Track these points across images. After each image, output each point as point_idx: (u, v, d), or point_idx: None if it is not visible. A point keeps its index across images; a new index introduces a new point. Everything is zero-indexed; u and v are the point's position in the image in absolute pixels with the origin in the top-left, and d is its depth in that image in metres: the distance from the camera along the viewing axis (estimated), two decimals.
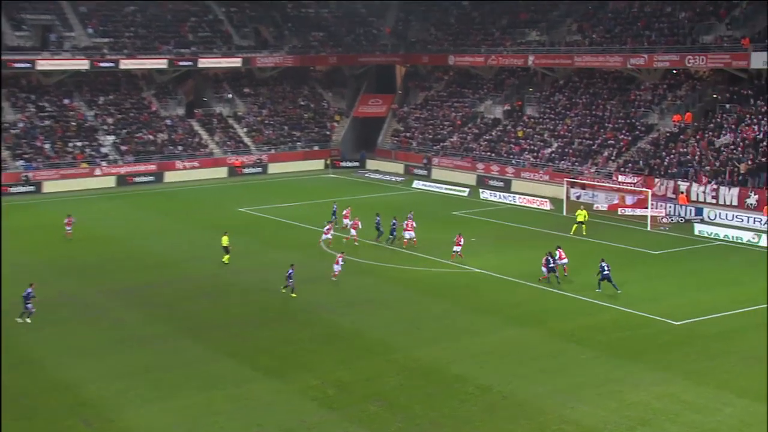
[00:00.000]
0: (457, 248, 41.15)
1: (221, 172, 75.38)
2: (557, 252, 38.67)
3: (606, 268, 35.95)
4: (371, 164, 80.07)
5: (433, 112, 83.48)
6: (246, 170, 76.45)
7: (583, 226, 49.35)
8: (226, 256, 41.39)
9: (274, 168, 77.93)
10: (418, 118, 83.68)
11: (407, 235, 44.48)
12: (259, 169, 77.27)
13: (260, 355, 28.95)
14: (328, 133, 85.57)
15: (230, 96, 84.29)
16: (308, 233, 49.40)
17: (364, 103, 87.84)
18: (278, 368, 27.74)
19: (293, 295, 34.69)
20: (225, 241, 41.69)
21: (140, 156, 73.48)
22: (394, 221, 46.02)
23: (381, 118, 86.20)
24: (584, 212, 50.25)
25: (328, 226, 44.87)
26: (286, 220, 53.66)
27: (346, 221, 47.97)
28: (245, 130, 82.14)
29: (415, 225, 44.91)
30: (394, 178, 73.00)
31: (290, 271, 35.39)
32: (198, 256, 43.46)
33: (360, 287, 37.36)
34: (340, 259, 37.82)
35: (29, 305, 31.75)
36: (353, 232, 45.46)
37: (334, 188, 69.04)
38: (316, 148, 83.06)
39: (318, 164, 79.66)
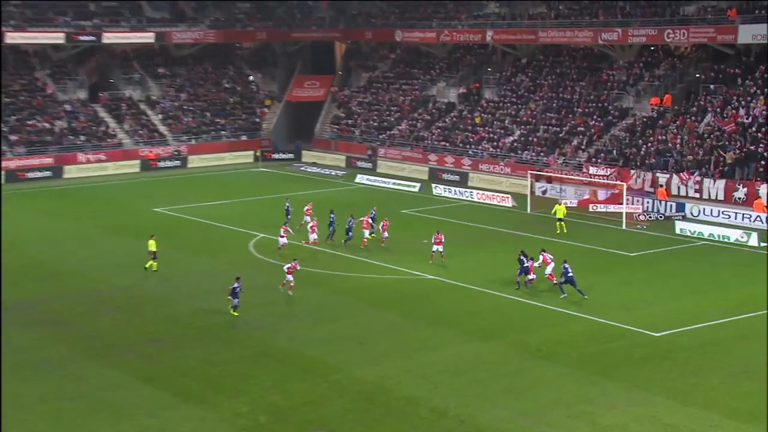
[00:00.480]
0: (438, 248, 41.36)
1: (132, 166, 74.43)
2: (540, 256, 38.59)
3: (569, 270, 36.41)
4: (308, 156, 79.89)
5: (378, 95, 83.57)
6: (162, 164, 75.65)
7: (563, 223, 50.02)
8: (153, 263, 41.02)
9: (194, 161, 77.31)
10: (361, 103, 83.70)
11: (366, 233, 45.36)
12: (177, 163, 76.54)
13: (180, 379, 28.55)
14: (257, 120, 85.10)
15: (141, 77, 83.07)
16: (236, 237, 48.96)
17: (298, 86, 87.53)
18: (201, 393, 27.39)
19: (235, 313, 34.02)
20: (152, 245, 41.30)
21: (34, 147, 71.89)
22: (350, 220, 45.98)
23: (318, 103, 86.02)
24: (563, 207, 50.95)
25: (283, 228, 44.20)
26: (210, 222, 53.13)
27: (307, 218, 47.61)
28: (160, 117, 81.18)
29: (384, 224, 45.63)
30: (334, 172, 72.89)
31: (236, 285, 34.28)
32: (106, 264, 42.73)
33: (297, 298, 37.14)
34: (297, 266, 37.46)
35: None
36: (313, 236, 45.10)
37: (266, 184, 68.63)
38: (243, 138, 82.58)
39: (246, 156, 79.23)
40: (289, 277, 37.34)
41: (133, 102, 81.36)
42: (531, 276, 37.68)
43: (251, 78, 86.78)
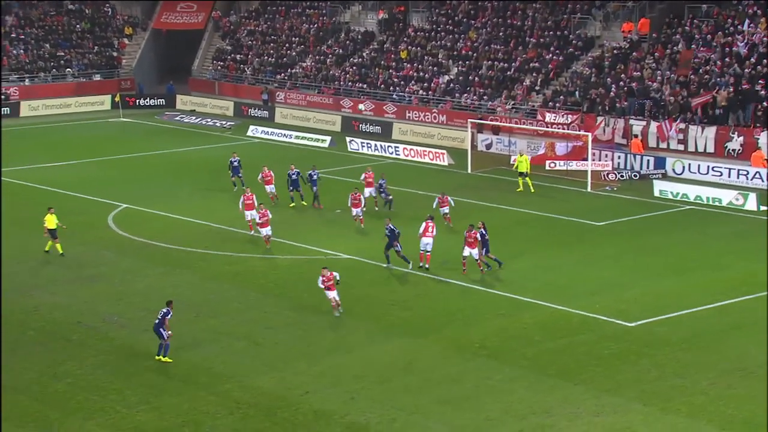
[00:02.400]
0: (356, 211, 42.02)
1: None
2: (423, 224, 38.82)
3: (484, 234, 37.57)
4: (184, 102, 78.94)
5: (275, 23, 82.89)
6: None
7: (528, 179, 50.64)
8: (56, 244, 40.11)
9: (29, 108, 75.86)
10: (253, 33, 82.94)
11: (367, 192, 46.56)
12: (6, 110, 74.92)
13: (13, 397, 28.01)
14: (115, 54, 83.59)
15: None
16: (90, 208, 48.20)
17: (169, 10, 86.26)
18: (43, 415, 26.97)
19: (166, 359, 31.08)
20: (51, 221, 40.15)
21: None
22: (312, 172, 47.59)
23: (196, 32, 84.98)
24: (526, 159, 51.66)
25: (245, 196, 42.94)
26: (53, 189, 52.21)
27: (269, 188, 47.47)
28: None
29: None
30: (219, 123, 72.20)
31: (164, 312, 30.47)
32: None
33: (171, 287, 36.75)
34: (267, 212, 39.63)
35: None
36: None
37: (128, 139, 67.67)
38: (97, 77, 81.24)
39: (101, 102, 77.97)
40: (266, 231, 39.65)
41: None
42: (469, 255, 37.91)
43: None
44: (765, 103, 53.61)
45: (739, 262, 39.58)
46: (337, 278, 33.66)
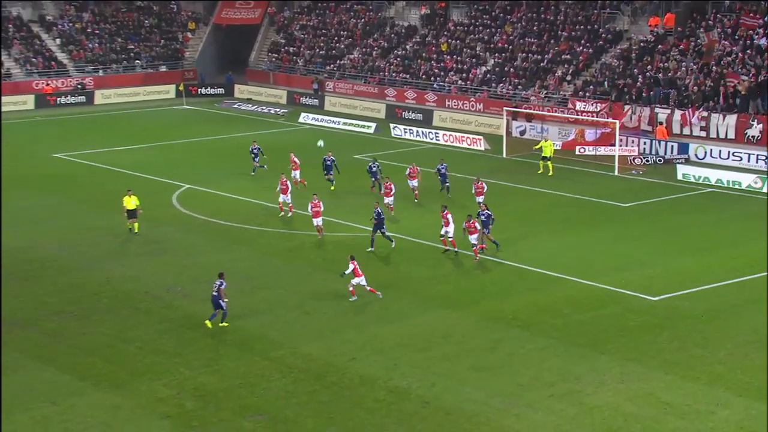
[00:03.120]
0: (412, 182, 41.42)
1: (25, 101, 73.31)
2: (442, 217, 38.18)
3: (485, 216, 37.29)
4: (241, 91, 79.21)
5: (325, 18, 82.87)
6: (62, 99, 74.62)
7: (549, 163, 50.47)
8: (135, 223, 40.24)
9: (102, 97, 76.39)
10: (305, 27, 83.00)
11: (412, 183, 45.33)
12: (82, 98, 75.60)
13: (88, 359, 28.40)
14: (179, 47, 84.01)
15: None
16: (156, 188, 48.56)
17: (228, 6, 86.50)
18: (115, 376, 27.30)
19: (224, 323, 30.66)
20: (130, 203, 40.29)
21: None
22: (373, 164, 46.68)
23: (253, 26, 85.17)
24: (550, 144, 51.57)
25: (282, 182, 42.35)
26: (123, 170, 52.65)
27: (296, 173, 47.01)
28: (58, 42, 79.83)
29: (418, 171, 45.75)
30: (273, 110, 72.41)
31: (219, 284, 30.61)
32: None
33: (229, 261, 36.98)
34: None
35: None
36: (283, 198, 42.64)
37: (190, 125, 68.09)
38: (163, 68, 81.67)
39: (166, 91, 78.42)
40: (317, 221, 38.64)
41: (22, 23, 79.74)
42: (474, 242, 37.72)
43: None
44: None
45: (756, 241, 39.18)
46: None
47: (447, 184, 46.21)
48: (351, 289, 32.91)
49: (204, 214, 43.34)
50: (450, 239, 37.42)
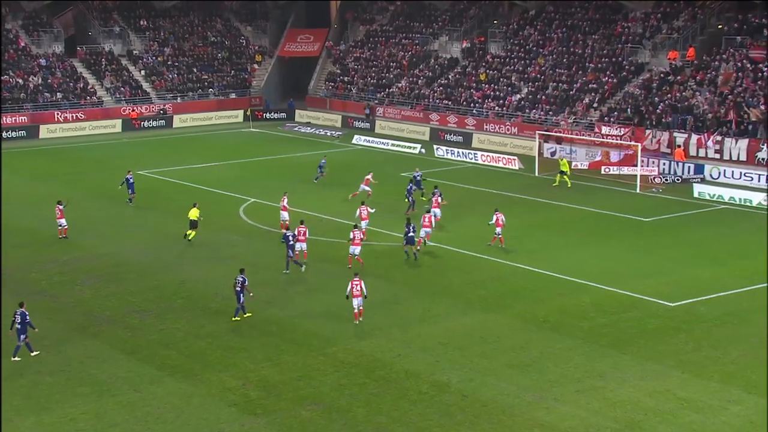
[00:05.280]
0: (498, 230, 39.15)
1: (114, 125, 74.23)
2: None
3: (411, 230, 36.83)
4: (301, 115, 79.62)
5: (376, 50, 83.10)
6: (145, 123, 75.44)
7: (566, 177, 50.35)
8: (192, 232, 40.75)
9: (180, 120, 77.13)
10: (358, 59, 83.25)
11: (436, 212, 42.17)
12: (162, 122, 76.36)
13: (165, 352, 28.65)
14: (247, 77, 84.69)
15: (122, 29, 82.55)
16: (225, 201, 48.91)
17: (291, 40, 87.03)
18: (188, 367, 27.49)
19: (246, 315, 31.24)
20: (194, 214, 40.79)
21: (7, 105, 71.56)
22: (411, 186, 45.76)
23: (312, 58, 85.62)
24: (566, 162, 51.81)
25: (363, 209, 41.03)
26: (197, 186, 53.08)
27: (364, 187, 46.70)
28: (143, 73, 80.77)
29: (442, 202, 43.30)
30: (329, 133, 72.67)
31: (240, 279, 31.09)
32: (85, 230, 42.71)
33: (292, 268, 37.11)
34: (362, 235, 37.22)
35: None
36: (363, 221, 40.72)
37: (256, 145, 68.52)
38: (232, 95, 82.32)
39: (235, 116, 79.00)
40: (355, 249, 36.15)
41: (113, 57, 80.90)
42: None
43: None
44: None
45: (765, 253, 38.61)
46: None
47: (422, 189, 45.94)
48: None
49: (267, 224, 43.55)
50: (420, 240, 37.74)
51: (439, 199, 43.85)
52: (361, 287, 30.44)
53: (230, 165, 60.25)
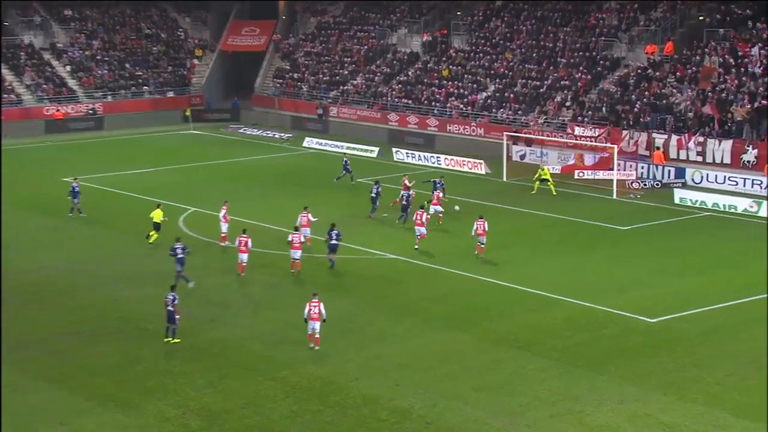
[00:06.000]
0: (480, 238, 39.62)
1: (35, 126, 73.33)
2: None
3: (333, 237, 37.73)
4: (247, 116, 79.25)
5: (328, 44, 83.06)
6: (72, 125, 74.67)
7: (550, 184, 51.08)
8: (155, 235, 41.35)
9: (112, 121, 76.39)
10: (309, 54, 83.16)
11: (434, 209, 44.50)
12: (91, 123, 75.62)
13: (95, 380, 28.32)
14: (185, 73, 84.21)
15: (43, 20, 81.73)
16: (164, 211, 48.51)
17: (234, 33, 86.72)
18: (122, 396, 27.21)
19: (174, 340, 30.94)
20: (158, 215, 41.46)
21: None
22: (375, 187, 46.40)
23: (258, 53, 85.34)
24: (547, 170, 52.45)
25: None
26: (131, 194, 52.63)
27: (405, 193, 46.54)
28: (68, 69, 79.99)
29: (441, 197, 45.61)
30: (278, 135, 72.47)
31: (171, 297, 30.88)
32: (5, 244, 42.10)
33: (235, 283, 36.92)
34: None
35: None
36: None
37: (197, 149, 68.11)
38: (170, 94, 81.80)
39: (174, 116, 78.40)
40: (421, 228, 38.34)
41: (33, 50, 79.99)
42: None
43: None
44: None
45: (752, 263, 39.17)
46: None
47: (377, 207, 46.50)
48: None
49: (210, 236, 43.28)
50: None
51: (441, 195, 44.31)
52: (319, 309, 30.14)
53: (168, 171, 59.80)
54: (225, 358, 29.85)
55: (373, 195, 46.38)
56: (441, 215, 44.94)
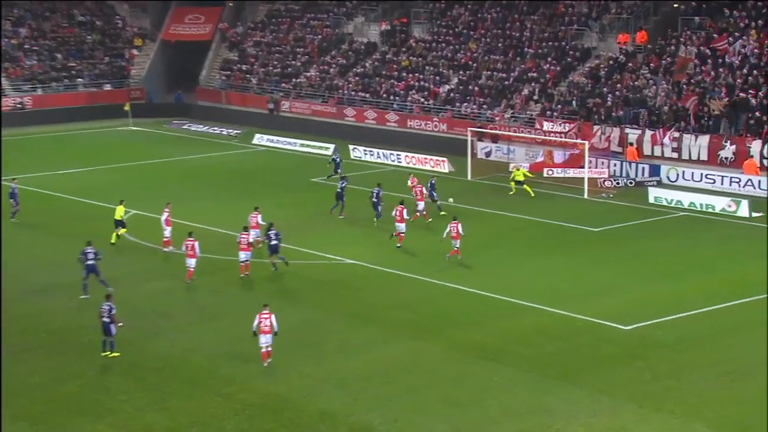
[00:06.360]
0: (454, 242, 39.83)
1: None
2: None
3: (274, 237, 38.08)
4: (192, 110, 78.91)
5: (280, 34, 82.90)
6: None
7: (527, 186, 51.29)
8: (123, 230, 41.83)
9: (42, 116, 75.71)
10: (259, 44, 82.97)
11: (420, 205, 45.84)
12: (18, 118, 74.76)
13: (23, 399, 27.96)
14: (124, 65, 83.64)
15: None
16: (99, 214, 48.16)
17: (177, 21, 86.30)
18: (53, 417, 26.90)
19: (114, 355, 30.96)
20: (119, 212, 41.83)
21: None
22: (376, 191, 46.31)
23: (204, 42, 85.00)
24: (522, 171, 52.61)
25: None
26: (64, 195, 52.19)
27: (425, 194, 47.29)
28: None
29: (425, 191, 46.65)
30: (226, 131, 72.20)
31: (107, 308, 30.68)
32: None
33: (180, 291, 36.70)
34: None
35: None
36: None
37: (137, 146, 67.72)
38: (107, 87, 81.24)
39: (111, 111, 77.78)
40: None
41: None
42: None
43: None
44: (757, 113, 53.66)
45: (732, 266, 39.60)
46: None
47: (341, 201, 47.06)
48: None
49: (152, 241, 42.98)
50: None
51: (424, 190, 46.13)
52: (271, 322, 29.97)
53: (106, 170, 59.38)
54: (169, 373, 29.64)
55: (374, 200, 46.05)
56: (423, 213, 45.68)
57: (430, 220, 45.70)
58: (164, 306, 35.53)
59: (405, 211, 42.00)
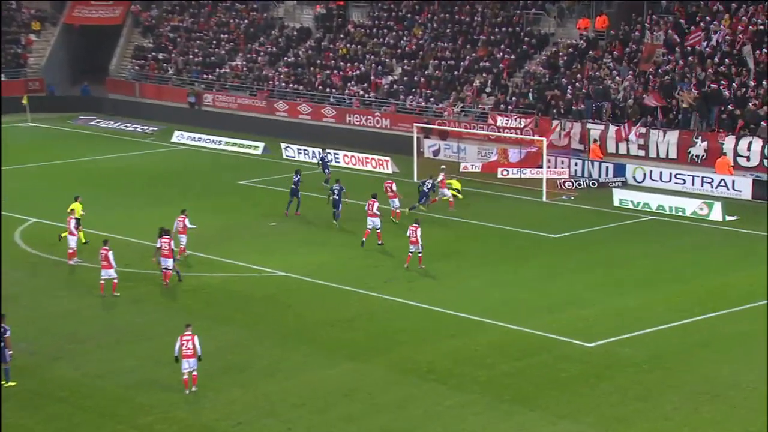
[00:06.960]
0: (412, 247, 40.34)
1: None
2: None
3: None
4: (100, 104, 78.29)
5: (200, 17, 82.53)
6: None
7: (460, 196, 51.36)
8: (80, 232, 41.87)
9: None
10: (177, 29, 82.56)
11: (446, 192, 49.36)
12: None
13: None
14: (20, 52, 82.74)
15: None
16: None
17: (82, 3, 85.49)
18: None
19: (10, 384, 30.42)
20: (77, 209, 42.28)
21: None
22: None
23: (113, 27, 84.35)
24: (457, 182, 52.71)
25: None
26: None
27: (444, 191, 49.31)
28: None
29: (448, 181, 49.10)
30: (140, 128, 71.73)
31: (3, 330, 30.16)
32: None
33: (89, 310, 36.45)
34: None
35: None
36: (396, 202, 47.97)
37: (37, 145, 67.00)
38: (1, 78, 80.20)
39: (6, 105, 76.81)
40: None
41: None
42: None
43: None
44: (730, 106, 54.24)
45: (704, 275, 40.08)
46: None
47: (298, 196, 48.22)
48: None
49: (55, 253, 42.59)
50: None
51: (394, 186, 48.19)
52: (193, 344, 29.82)
53: (8, 172, 58.73)
54: (75, 403, 29.37)
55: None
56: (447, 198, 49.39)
57: (397, 222, 45.95)
58: (69, 326, 35.18)
59: (377, 205, 42.90)
